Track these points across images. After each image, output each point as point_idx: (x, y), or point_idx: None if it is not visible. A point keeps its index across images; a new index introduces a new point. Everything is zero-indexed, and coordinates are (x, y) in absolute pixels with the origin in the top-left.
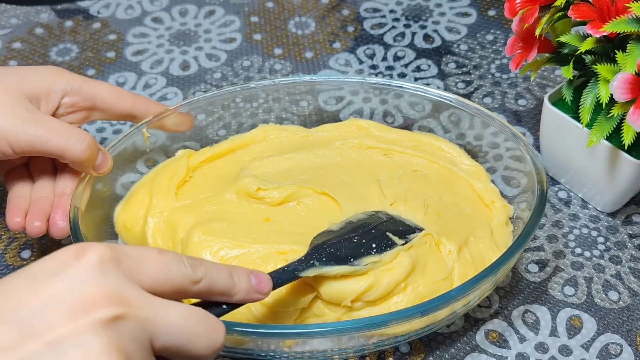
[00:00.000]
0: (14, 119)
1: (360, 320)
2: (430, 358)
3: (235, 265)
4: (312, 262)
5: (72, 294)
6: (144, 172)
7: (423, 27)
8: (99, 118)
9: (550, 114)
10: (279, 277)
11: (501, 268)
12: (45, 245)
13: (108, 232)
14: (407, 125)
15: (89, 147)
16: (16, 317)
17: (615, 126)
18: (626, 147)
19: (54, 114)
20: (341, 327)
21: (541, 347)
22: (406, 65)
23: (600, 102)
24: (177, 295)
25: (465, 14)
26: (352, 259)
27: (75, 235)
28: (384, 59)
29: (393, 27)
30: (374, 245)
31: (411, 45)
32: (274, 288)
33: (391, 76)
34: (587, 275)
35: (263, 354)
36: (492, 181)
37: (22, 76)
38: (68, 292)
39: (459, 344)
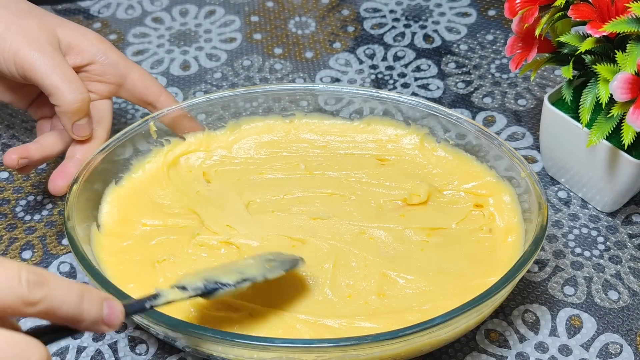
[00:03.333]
0: (32, 43)
1: (372, 336)
2: (430, 358)
3: (90, 288)
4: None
5: None
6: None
7: (423, 27)
8: (124, 97)
9: (550, 114)
10: (130, 308)
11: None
12: (46, 245)
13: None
14: (407, 123)
15: (82, 102)
16: None
17: (615, 126)
18: (626, 147)
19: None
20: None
21: (541, 347)
22: (406, 65)
23: (600, 102)
24: (8, 315)
25: (465, 14)
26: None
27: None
28: (384, 59)
29: (393, 27)
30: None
31: (411, 45)
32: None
33: (391, 76)
34: (587, 275)
35: None
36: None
37: (64, 23)
38: None
39: (458, 344)
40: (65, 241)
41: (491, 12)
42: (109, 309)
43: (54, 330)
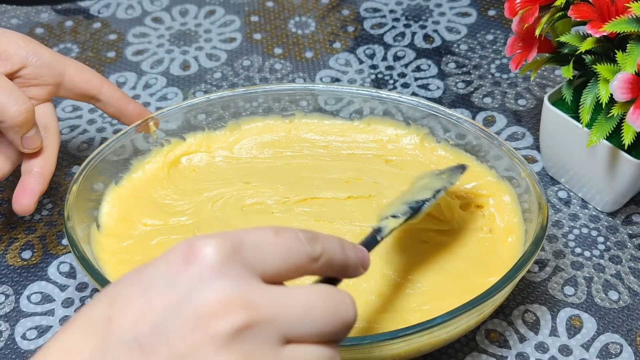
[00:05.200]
0: None
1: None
2: (430, 358)
3: (340, 237)
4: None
5: (188, 306)
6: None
7: (423, 27)
8: (64, 96)
9: (550, 114)
10: (368, 246)
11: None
12: (46, 245)
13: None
14: (407, 123)
15: (27, 112)
16: (135, 334)
17: (615, 126)
18: (626, 147)
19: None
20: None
21: (541, 347)
22: (406, 65)
23: (600, 102)
24: (297, 275)
25: (465, 14)
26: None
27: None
28: (384, 58)
29: (393, 27)
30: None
31: (411, 45)
32: None
33: (391, 76)
34: (587, 275)
35: None
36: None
37: None
38: (184, 304)
39: (458, 344)
40: (65, 241)
41: (491, 12)
42: (360, 252)
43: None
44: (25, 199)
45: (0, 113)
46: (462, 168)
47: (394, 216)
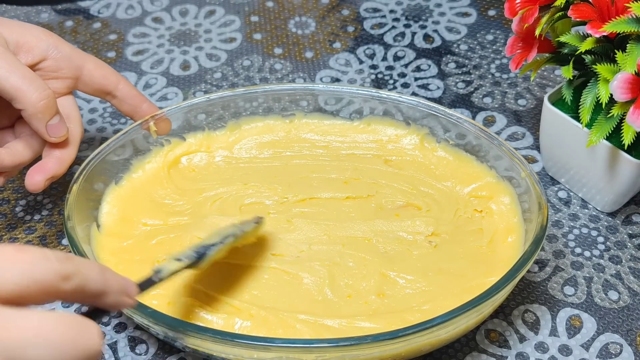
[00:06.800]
0: None
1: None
2: (430, 358)
3: (103, 265)
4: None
5: None
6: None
7: (423, 27)
8: (82, 90)
9: (550, 114)
10: (142, 286)
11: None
12: (46, 245)
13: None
14: (407, 123)
15: (47, 98)
16: None
17: (615, 126)
18: (626, 147)
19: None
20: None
21: (541, 347)
22: (406, 65)
23: (600, 102)
24: (47, 296)
25: (465, 14)
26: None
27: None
28: (384, 59)
29: (393, 27)
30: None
31: (411, 45)
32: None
33: (391, 76)
34: (587, 275)
35: None
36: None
37: (5, 22)
38: None
39: (458, 344)
40: (65, 241)
41: (491, 12)
42: (124, 280)
43: (85, 313)
44: (38, 176)
45: (21, 100)
46: (258, 219)
47: (178, 259)
